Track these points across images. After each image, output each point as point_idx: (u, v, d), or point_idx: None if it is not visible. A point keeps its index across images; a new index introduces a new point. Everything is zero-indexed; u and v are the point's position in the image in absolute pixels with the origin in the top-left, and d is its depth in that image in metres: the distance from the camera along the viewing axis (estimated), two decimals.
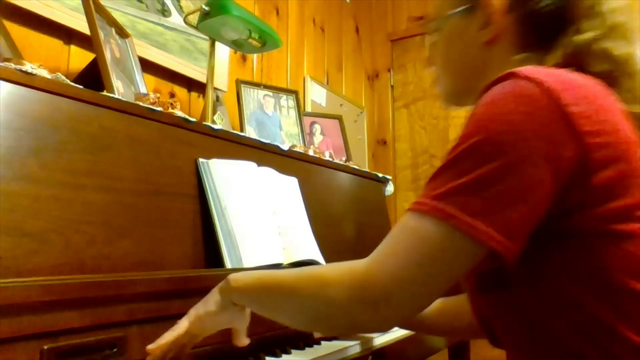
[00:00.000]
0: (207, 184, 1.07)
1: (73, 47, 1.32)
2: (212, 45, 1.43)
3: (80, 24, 1.25)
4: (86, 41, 1.27)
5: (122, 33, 1.28)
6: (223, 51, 1.76)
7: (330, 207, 1.53)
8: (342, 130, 2.13)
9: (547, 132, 0.55)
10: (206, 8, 1.32)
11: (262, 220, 1.14)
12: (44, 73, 0.82)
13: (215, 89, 1.49)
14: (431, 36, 0.80)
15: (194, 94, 1.71)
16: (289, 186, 1.30)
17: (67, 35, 1.30)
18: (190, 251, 1.01)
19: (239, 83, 1.69)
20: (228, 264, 1.01)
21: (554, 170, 0.55)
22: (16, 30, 1.17)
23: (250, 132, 1.61)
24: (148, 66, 1.48)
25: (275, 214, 1.19)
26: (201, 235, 1.04)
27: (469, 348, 1.69)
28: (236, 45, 1.44)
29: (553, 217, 0.57)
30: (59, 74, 0.87)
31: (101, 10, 1.17)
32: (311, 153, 1.57)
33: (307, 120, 2.00)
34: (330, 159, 1.66)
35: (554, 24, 0.68)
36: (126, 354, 0.73)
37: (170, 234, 0.97)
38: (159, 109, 1.02)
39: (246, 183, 1.15)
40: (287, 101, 1.84)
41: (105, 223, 0.85)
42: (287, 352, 0.97)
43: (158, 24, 1.56)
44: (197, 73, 1.67)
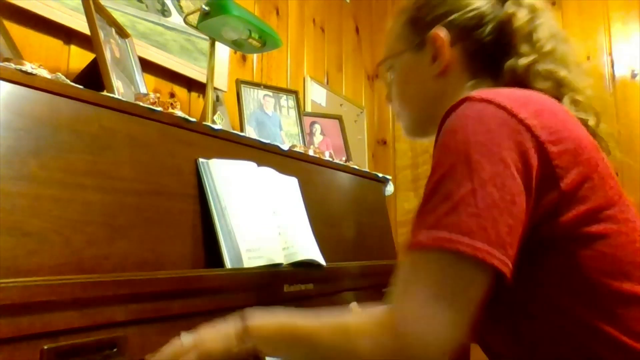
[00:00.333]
0: (207, 184, 1.07)
1: (73, 47, 1.32)
2: (212, 45, 1.43)
3: (80, 24, 1.25)
4: (86, 41, 1.27)
5: (122, 33, 1.28)
6: (223, 51, 1.76)
7: (330, 207, 1.53)
8: (342, 130, 2.13)
9: (513, 144, 0.57)
10: (206, 8, 1.32)
11: (262, 220, 1.13)
12: (44, 73, 0.82)
13: (215, 89, 1.49)
14: (387, 75, 0.87)
15: (194, 94, 1.71)
16: (289, 186, 1.30)
17: (67, 35, 1.30)
18: (190, 251, 1.01)
19: (239, 83, 1.69)
20: (228, 264, 1.01)
21: (527, 179, 0.57)
22: (16, 30, 1.17)
23: (250, 132, 1.61)
24: (148, 66, 1.48)
25: (275, 214, 1.18)
26: (201, 235, 1.04)
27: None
28: (236, 45, 1.44)
29: (531, 227, 0.59)
30: (59, 74, 0.87)
31: (101, 10, 1.17)
32: (311, 153, 1.57)
33: (307, 120, 2.00)
34: (330, 159, 1.66)
35: (497, 51, 0.73)
36: (126, 354, 0.72)
37: (170, 234, 0.97)
38: (159, 109, 1.02)
39: (246, 183, 1.15)
40: (287, 101, 1.84)
41: (105, 223, 0.84)
42: None
43: (158, 24, 1.56)
44: (197, 73, 1.67)
